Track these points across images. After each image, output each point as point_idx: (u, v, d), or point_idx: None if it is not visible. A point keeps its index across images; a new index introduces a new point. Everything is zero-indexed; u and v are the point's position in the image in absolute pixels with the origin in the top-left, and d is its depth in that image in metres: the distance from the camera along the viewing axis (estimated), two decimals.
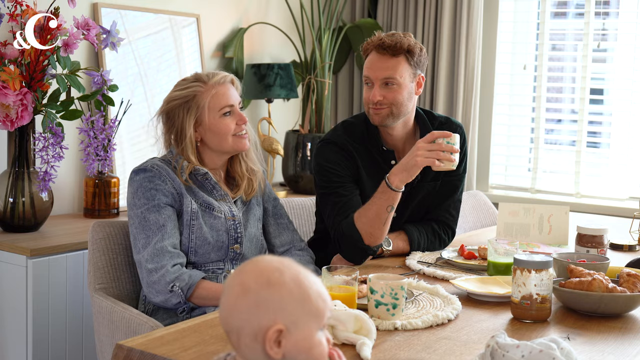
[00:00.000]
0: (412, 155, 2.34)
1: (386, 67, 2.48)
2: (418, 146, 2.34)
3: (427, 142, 2.33)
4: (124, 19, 3.43)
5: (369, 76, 2.52)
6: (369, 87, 2.53)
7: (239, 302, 1.25)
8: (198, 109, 2.27)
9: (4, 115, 2.65)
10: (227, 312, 1.27)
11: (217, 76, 2.31)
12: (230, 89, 2.33)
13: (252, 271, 1.27)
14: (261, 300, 1.24)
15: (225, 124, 2.29)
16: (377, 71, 2.49)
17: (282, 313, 1.24)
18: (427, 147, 2.32)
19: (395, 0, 4.37)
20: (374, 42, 2.52)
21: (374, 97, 2.49)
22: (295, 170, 4.07)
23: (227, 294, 1.27)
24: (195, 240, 2.25)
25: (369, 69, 2.52)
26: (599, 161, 4.22)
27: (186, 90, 2.28)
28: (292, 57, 4.32)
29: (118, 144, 3.33)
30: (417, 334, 1.78)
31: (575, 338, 1.76)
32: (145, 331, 2.05)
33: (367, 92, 2.54)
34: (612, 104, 4.12)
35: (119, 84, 3.25)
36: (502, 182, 4.37)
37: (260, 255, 1.34)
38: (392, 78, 2.48)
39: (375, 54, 2.51)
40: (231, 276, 1.29)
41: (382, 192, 2.39)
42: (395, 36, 2.50)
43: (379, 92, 2.49)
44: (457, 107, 4.18)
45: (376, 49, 2.50)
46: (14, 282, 2.72)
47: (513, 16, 4.31)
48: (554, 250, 2.60)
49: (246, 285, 1.25)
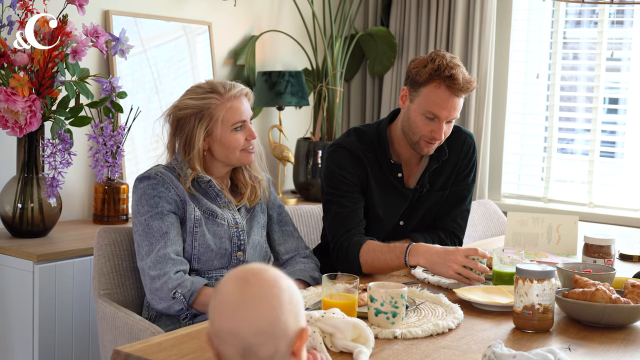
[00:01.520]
0: (445, 259, 2.23)
1: (458, 108, 2.44)
2: (456, 257, 2.22)
3: (465, 255, 2.23)
4: (139, 26, 3.45)
5: (438, 115, 2.42)
6: (430, 121, 2.44)
7: (278, 313, 1.23)
8: (211, 120, 2.28)
9: (13, 121, 2.67)
10: (267, 324, 1.22)
11: (233, 89, 2.30)
12: (245, 104, 2.33)
13: (263, 281, 1.25)
14: (292, 304, 1.25)
15: (235, 139, 2.30)
16: (449, 112, 2.42)
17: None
18: (463, 262, 2.22)
19: (407, 9, 4.36)
20: (445, 77, 2.38)
21: (440, 136, 2.44)
22: (306, 178, 4.06)
23: (258, 307, 1.23)
24: (198, 248, 2.25)
25: (441, 108, 2.41)
26: (613, 171, 4.18)
27: (202, 101, 2.28)
28: (303, 64, 4.32)
29: (132, 151, 3.35)
30: (416, 343, 1.77)
31: (576, 349, 1.74)
32: (147, 337, 2.05)
33: (426, 126, 2.45)
34: (627, 113, 4.09)
35: (134, 91, 3.28)
36: (515, 191, 4.34)
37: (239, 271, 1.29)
38: (456, 117, 2.47)
39: (449, 94, 2.40)
40: (239, 294, 1.25)
41: (397, 256, 2.36)
42: (464, 75, 2.40)
43: (445, 131, 2.46)
44: (469, 116, 4.16)
45: (451, 89, 2.39)
46: (21, 288, 2.74)
47: (526, 25, 4.29)
48: (562, 260, 2.58)
49: (277, 296, 1.24)
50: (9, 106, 2.64)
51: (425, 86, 2.42)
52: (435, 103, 2.41)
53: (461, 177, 2.66)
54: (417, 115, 2.45)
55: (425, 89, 2.42)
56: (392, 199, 2.60)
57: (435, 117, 2.43)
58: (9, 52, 2.71)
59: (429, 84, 2.41)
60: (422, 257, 2.30)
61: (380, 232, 2.60)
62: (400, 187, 2.59)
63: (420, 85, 2.43)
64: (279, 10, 4.21)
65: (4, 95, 2.63)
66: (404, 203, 2.61)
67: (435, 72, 2.39)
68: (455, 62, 2.41)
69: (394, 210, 2.61)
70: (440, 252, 2.26)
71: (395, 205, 2.61)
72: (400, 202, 2.61)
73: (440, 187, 2.63)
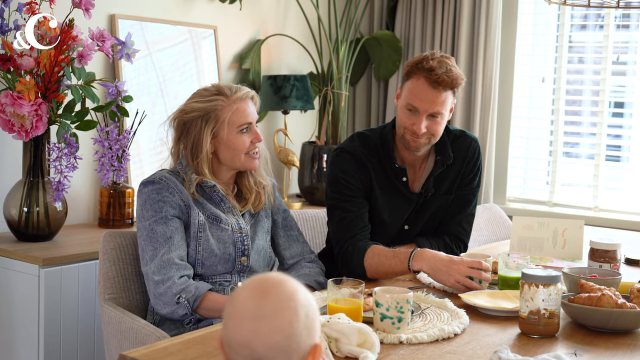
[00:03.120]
0: (449, 268, 2.23)
1: (437, 102, 2.42)
2: (460, 267, 2.22)
3: (469, 266, 2.22)
4: (144, 30, 3.46)
5: (416, 106, 2.43)
6: (411, 113, 2.45)
7: (294, 328, 1.21)
8: (217, 122, 2.28)
9: (19, 125, 2.68)
10: (280, 339, 1.19)
11: (239, 92, 2.31)
12: (251, 106, 2.33)
13: (279, 293, 1.23)
14: (309, 319, 1.23)
15: (241, 141, 2.30)
16: (427, 104, 2.42)
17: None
18: (466, 273, 2.21)
19: (413, 13, 4.36)
20: (424, 70, 2.41)
21: (419, 130, 2.44)
22: (311, 182, 4.06)
23: (273, 321, 1.20)
24: (202, 253, 2.25)
25: (418, 99, 2.42)
26: (619, 175, 4.17)
27: (208, 104, 2.29)
28: (309, 68, 4.32)
29: (137, 155, 3.35)
30: (422, 348, 1.76)
31: (582, 354, 1.73)
32: (153, 342, 2.05)
33: (408, 118, 2.46)
34: (633, 117, 4.08)
35: (139, 95, 3.28)
36: (520, 195, 4.34)
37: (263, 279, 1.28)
38: (440, 113, 2.44)
39: (427, 86, 2.41)
40: (254, 301, 1.22)
41: (402, 261, 2.35)
42: (447, 68, 2.40)
43: (425, 125, 2.44)
44: (474, 119, 4.16)
45: (428, 80, 2.40)
46: (27, 292, 2.74)
47: (532, 28, 4.28)
48: (568, 264, 2.57)
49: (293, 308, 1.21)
50: (15, 110, 2.64)
51: (408, 80, 2.46)
52: (414, 95, 2.44)
53: (466, 181, 2.65)
54: (402, 108, 2.49)
55: (408, 82, 2.46)
56: (396, 203, 2.59)
57: (414, 109, 2.45)
58: (15, 56, 2.72)
59: (411, 77, 2.45)
60: (426, 263, 2.30)
61: (384, 236, 2.59)
62: (405, 192, 2.59)
63: (405, 80, 2.48)
64: (284, 14, 4.21)
65: (10, 99, 2.63)
66: (409, 207, 2.61)
67: (417, 65, 2.44)
68: (441, 58, 2.43)
69: (398, 214, 2.61)
70: (444, 260, 2.26)
71: (400, 209, 2.61)
72: (404, 207, 2.61)
73: (445, 191, 2.63)
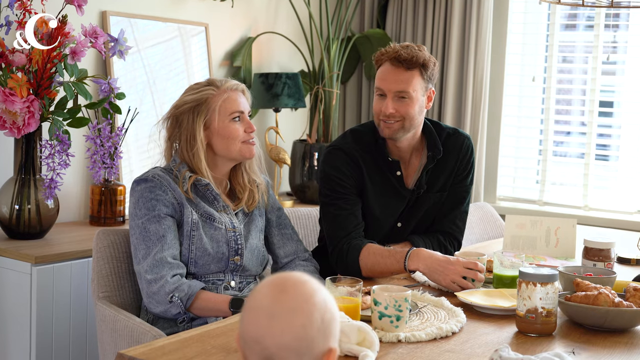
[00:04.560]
0: (445, 269, 2.23)
1: (400, 80, 2.45)
2: (456, 267, 2.22)
3: (465, 266, 2.22)
4: (134, 27, 3.44)
5: (382, 88, 2.48)
6: (381, 98, 2.50)
7: (307, 330, 1.19)
8: (208, 111, 2.27)
9: (11, 122, 2.65)
10: (292, 339, 1.18)
11: (229, 82, 2.33)
12: (242, 98, 2.34)
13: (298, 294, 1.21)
14: (324, 323, 1.20)
15: (234, 129, 2.29)
16: (391, 83, 2.46)
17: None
18: (462, 273, 2.21)
19: (404, 11, 4.37)
20: (388, 54, 2.48)
21: (386, 110, 2.46)
22: (302, 180, 4.06)
23: (287, 320, 1.18)
24: (195, 251, 2.24)
25: (382, 80, 2.49)
26: (608, 174, 4.20)
27: (199, 94, 2.29)
28: (300, 66, 4.32)
29: (125, 152, 3.33)
30: (420, 347, 1.77)
31: (580, 353, 1.74)
32: (148, 340, 2.04)
33: (378, 104, 2.51)
34: (622, 116, 4.10)
35: (127, 92, 3.25)
36: (510, 194, 4.35)
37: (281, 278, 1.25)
38: (406, 92, 2.45)
39: (390, 66, 2.47)
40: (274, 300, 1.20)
41: (397, 260, 2.36)
42: (410, 49, 2.46)
43: (392, 105, 2.46)
44: (465, 118, 4.17)
45: (391, 60, 2.47)
46: (18, 290, 2.72)
47: (522, 28, 4.30)
48: (561, 263, 2.58)
49: (307, 312, 1.19)
50: (7, 107, 2.62)
51: (378, 69, 2.53)
52: (379, 78, 2.51)
53: (459, 178, 2.66)
54: (375, 97, 2.54)
55: (377, 72, 2.52)
56: (388, 199, 2.59)
57: (382, 92, 2.49)
58: (7, 53, 2.70)
59: (380, 66, 2.52)
60: (422, 263, 2.30)
61: (377, 233, 2.59)
62: (398, 187, 2.59)
63: (376, 71, 2.55)
64: (275, 12, 4.20)
65: (2, 96, 2.61)
66: (401, 204, 2.61)
67: (383, 55, 2.50)
68: (409, 44, 2.50)
69: (390, 210, 2.61)
70: (441, 261, 2.26)
71: (392, 205, 2.61)
72: (397, 203, 2.61)
73: (439, 188, 2.63)
